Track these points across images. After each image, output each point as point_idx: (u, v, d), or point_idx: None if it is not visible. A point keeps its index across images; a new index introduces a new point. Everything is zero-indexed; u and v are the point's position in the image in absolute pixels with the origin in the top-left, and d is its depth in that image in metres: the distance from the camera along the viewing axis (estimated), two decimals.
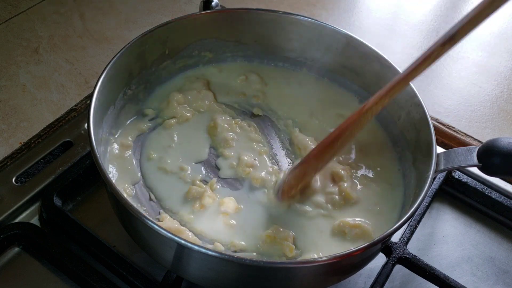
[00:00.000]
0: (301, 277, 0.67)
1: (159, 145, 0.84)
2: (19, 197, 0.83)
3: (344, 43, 0.89)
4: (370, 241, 0.64)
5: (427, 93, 1.14)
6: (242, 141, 0.86)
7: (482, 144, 0.71)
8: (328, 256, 0.62)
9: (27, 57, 1.11)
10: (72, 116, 0.94)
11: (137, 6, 1.27)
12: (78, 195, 0.86)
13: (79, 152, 0.89)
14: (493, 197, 0.89)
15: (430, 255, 0.84)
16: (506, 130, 1.08)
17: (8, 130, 0.97)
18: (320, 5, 1.34)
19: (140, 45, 0.83)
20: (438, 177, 0.89)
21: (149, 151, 0.83)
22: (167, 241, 0.63)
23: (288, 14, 0.91)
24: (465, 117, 1.10)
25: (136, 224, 0.67)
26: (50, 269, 0.77)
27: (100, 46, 1.16)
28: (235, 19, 0.91)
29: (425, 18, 1.34)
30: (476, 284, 0.82)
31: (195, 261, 0.65)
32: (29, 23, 1.19)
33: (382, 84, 0.86)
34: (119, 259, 0.76)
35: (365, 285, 0.79)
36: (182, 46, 0.90)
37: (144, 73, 0.87)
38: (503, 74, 1.21)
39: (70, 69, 1.10)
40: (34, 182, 0.85)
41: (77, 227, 0.79)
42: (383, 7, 1.38)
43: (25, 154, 0.88)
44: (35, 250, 0.78)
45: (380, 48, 0.86)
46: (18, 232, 0.79)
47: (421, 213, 0.85)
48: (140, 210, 0.67)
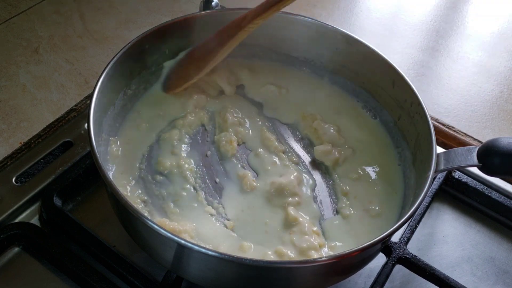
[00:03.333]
0: (301, 277, 0.67)
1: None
2: (19, 197, 0.83)
3: (344, 43, 0.89)
4: (370, 241, 0.64)
5: (427, 93, 1.14)
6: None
7: (482, 144, 0.71)
8: (328, 256, 0.63)
9: (27, 57, 1.11)
10: (72, 116, 0.94)
11: (137, 6, 1.27)
12: (78, 195, 0.86)
13: (79, 152, 0.89)
14: (493, 197, 0.89)
15: (430, 255, 0.84)
16: (506, 130, 1.08)
17: (8, 130, 0.97)
18: (320, 5, 1.34)
19: (140, 45, 0.83)
20: (438, 177, 0.89)
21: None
22: (167, 241, 0.63)
23: (288, 14, 0.91)
24: (465, 117, 1.10)
25: (136, 224, 0.67)
26: (50, 269, 0.77)
27: (100, 46, 1.16)
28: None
29: (425, 18, 1.34)
30: (476, 284, 0.82)
31: (195, 261, 0.65)
32: (29, 23, 1.19)
33: (381, 84, 0.87)
34: (119, 259, 0.76)
35: (365, 285, 0.79)
36: (182, 46, 0.90)
37: (144, 73, 0.87)
38: (503, 74, 1.21)
39: (70, 69, 1.10)
40: (34, 182, 0.85)
41: (77, 227, 0.79)
42: (383, 7, 1.38)
43: (25, 154, 0.88)
44: (35, 250, 0.78)
45: (380, 48, 0.86)
46: (18, 232, 0.79)
47: (421, 213, 0.85)
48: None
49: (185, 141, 0.86)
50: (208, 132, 0.89)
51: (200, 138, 0.87)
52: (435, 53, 1.23)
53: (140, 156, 0.82)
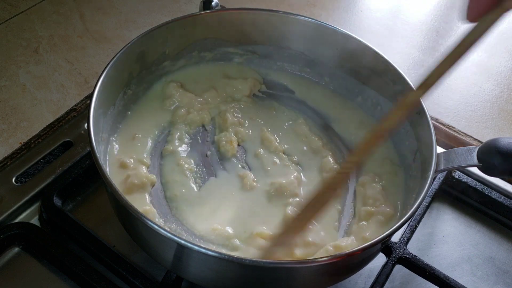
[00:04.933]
0: (301, 277, 0.67)
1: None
2: (19, 197, 0.82)
3: (344, 43, 0.89)
4: (370, 241, 0.64)
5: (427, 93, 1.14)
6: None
7: (482, 144, 0.71)
8: (328, 256, 0.62)
9: (27, 57, 1.11)
10: (72, 116, 0.94)
11: (137, 6, 1.27)
12: (78, 195, 0.86)
13: (79, 152, 0.89)
14: (493, 197, 0.89)
15: (430, 255, 0.84)
16: (506, 130, 1.08)
17: (8, 130, 0.97)
18: (320, 5, 1.34)
19: (140, 45, 0.83)
20: (438, 177, 0.89)
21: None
22: (167, 241, 0.63)
23: (288, 14, 0.91)
24: (465, 117, 1.10)
25: (136, 224, 0.67)
26: (50, 269, 0.77)
27: (100, 46, 1.15)
28: (235, 19, 0.91)
29: (425, 18, 1.34)
30: (476, 284, 0.82)
31: (195, 261, 0.65)
32: (29, 23, 1.19)
33: (381, 84, 0.87)
34: (119, 259, 0.76)
35: (365, 285, 0.79)
36: (182, 46, 0.90)
37: (144, 73, 0.87)
38: (503, 74, 1.21)
39: (70, 69, 1.10)
40: (34, 182, 0.85)
41: (77, 227, 0.79)
42: (383, 7, 1.38)
43: (25, 154, 0.88)
44: (35, 250, 0.78)
45: (380, 48, 0.86)
46: (18, 232, 0.79)
47: (421, 213, 0.85)
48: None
49: (185, 141, 0.86)
50: (208, 132, 0.89)
51: (200, 138, 0.87)
52: (435, 53, 1.23)
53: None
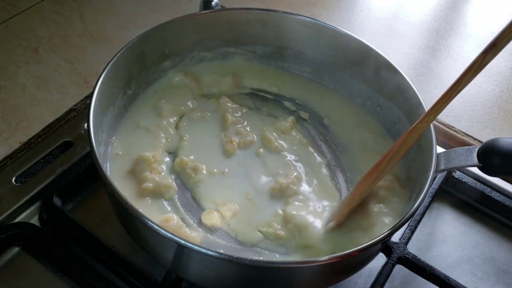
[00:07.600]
0: (301, 277, 0.67)
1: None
2: (19, 197, 0.83)
3: (344, 43, 0.89)
4: (370, 241, 0.64)
5: (427, 93, 1.13)
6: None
7: (482, 144, 0.71)
8: (328, 256, 0.62)
9: (27, 57, 1.11)
10: (72, 116, 0.94)
11: (137, 6, 1.27)
12: (78, 195, 0.86)
13: (79, 152, 0.89)
14: (493, 197, 0.89)
15: (430, 255, 0.84)
16: (506, 130, 1.08)
17: (8, 130, 0.97)
18: (320, 5, 1.34)
19: (140, 45, 0.83)
20: (438, 177, 0.89)
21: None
22: (167, 241, 0.63)
23: (288, 14, 0.91)
24: (465, 117, 1.10)
25: (136, 224, 0.67)
26: (50, 269, 0.77)
27: (100, 46, 1.15)
28: (235, 19, 0.91)
29: (425, 18, 1.34)
30: (476, 284, 0.82)
31: (195, 261, 0.65)
32: (29, 23, 1.19)
33: (381, 84, 0.87)
34: (119, 259, 0.76)
35: (365, 285, 0.79)
36: (182, 46, 0.90)
37: (144, 73, 0.87)
38: (503, 74, 1.21)
39: (70, 69, 1.10)
40: (34, 182, 0.85)
41: (77, 227, 0.79)
42: (383, 7, 1.38)
43: (25, 154, 0.88)
44: (35, 250, 0.78)
45: (380, 48, 0.86)
46: (18, 232, 0.79)
47: (421, 213, 0.85)
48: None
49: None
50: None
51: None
52: (435, 53, 1.23)
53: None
